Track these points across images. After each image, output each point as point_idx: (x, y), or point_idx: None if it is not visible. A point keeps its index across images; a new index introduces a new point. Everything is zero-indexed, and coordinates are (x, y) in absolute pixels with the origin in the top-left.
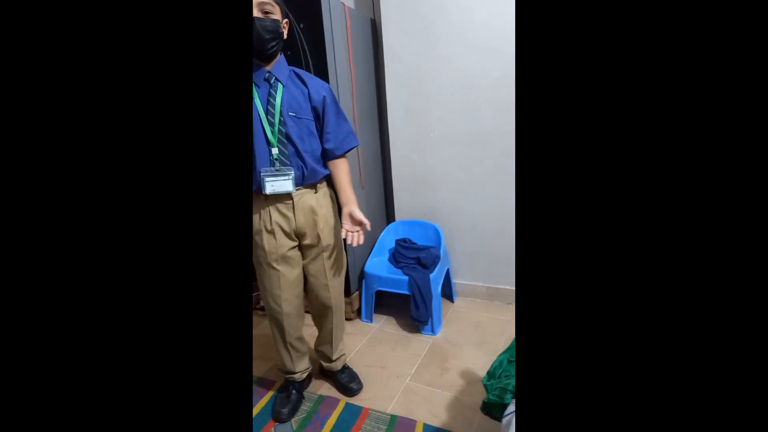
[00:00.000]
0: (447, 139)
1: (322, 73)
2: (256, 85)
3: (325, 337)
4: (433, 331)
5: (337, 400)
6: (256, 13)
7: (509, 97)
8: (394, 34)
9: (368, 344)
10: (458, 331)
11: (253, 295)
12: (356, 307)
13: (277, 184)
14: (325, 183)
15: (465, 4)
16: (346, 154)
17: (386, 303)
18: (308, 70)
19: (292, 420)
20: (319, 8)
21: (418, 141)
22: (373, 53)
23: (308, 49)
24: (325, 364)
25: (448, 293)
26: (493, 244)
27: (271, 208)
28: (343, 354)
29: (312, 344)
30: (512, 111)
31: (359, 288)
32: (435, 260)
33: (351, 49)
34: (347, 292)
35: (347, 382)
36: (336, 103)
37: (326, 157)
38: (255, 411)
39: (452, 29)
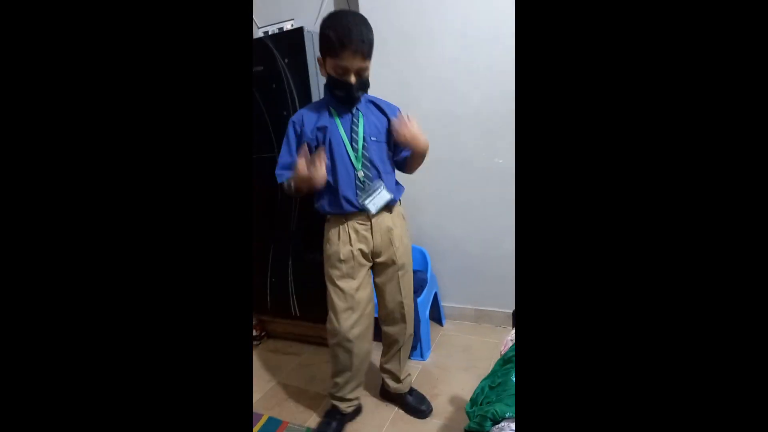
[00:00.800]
0: (430, 164)
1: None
2: (339, 116)
3: (394, 355)
4: (422, 357)
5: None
6: (353, 78)
7: (489, 123)
8: (377, 67)
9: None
10: (447, 355)
11: None
12: None
13: (377, 199)
14: (398, 204)
15: (447, 35)
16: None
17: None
18: (293, 103)
19: None
20: (303, 45)
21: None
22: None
23: (293, 83)
24: (393, 385)
25: (436, 316)
26: (479, 265)
27: (351, 232)
28: (409, 374)
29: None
30: (493, 136)
31: None
32: (422, 284)
33: None
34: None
35: (417, 404)
36: None
37: (399, 166)
38: None
39: (434, 60)
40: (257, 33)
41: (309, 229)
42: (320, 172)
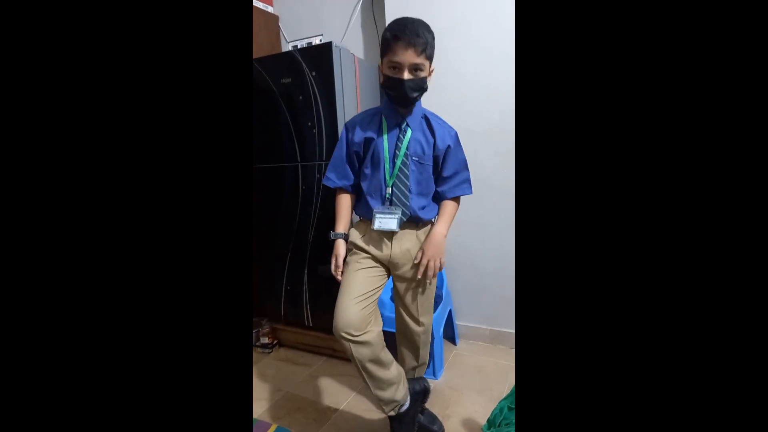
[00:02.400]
0: None
1: (331, 117)
2: (388, 126)
3: (409, 368)
4: (434, 375)
5: None
6: (406, 74)
7: (507, 141)
8: None
9: (366, 387)
10: (460, 375)
11: (254, 332)
12: None
13: (384, 221)
14: (429, 224)
15: (468, 53)
16: (458, 199)
17: (387, 343)
18: (318, 114)
19: None
20: (330, 59)
21: None
22: (380, 98)
23: (319, 96)
24: None
25: (450, 335)
26: (496, 285)
27: (372, 235)
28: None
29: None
30: (511, 154)
31: None
32: (437, 300)
33: (359, 95)
34: None
35: (428, 423)
36: (460, 149)
37: (438, 197)
38: None
39: (454, 78)
40: (286, 47)
41: (325, 241)
42: (336, 270)
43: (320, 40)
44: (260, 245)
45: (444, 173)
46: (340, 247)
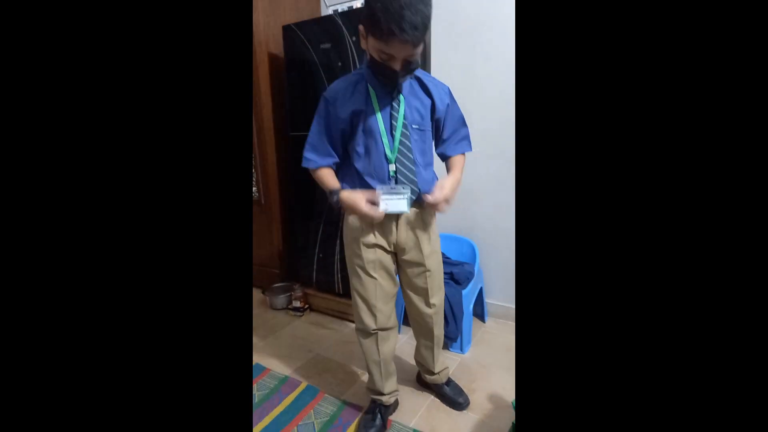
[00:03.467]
0: (487, 156)
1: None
2: (377, 98)
3: (427, 350)
4: (461, 350)
5: (359, 409)
6: (398, 65)
7: None
8: (442, 51)
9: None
10: (488, 353)
11: (287, 295)
12: None
13: (392, 203)
14: None
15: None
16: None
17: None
18: None
19: (315, 421)
20: None
21: None
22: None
23: (359, 62)
24: (428, 377)
25: (479, 312)
26: None
27: (374, 223)
28: (446, 367)
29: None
30: None
31: None
32: (468, 276)
33: None
34: None
35: (454, 395)
36: (456, 105)
37: (441, 158)
38: (278, 410)
39: (502, 47)
40: (326, 11)
41: None
42: (379, 214)
43: (362, 3)
44: (294, 213)
45: (444, 134)
46: (349, 196)
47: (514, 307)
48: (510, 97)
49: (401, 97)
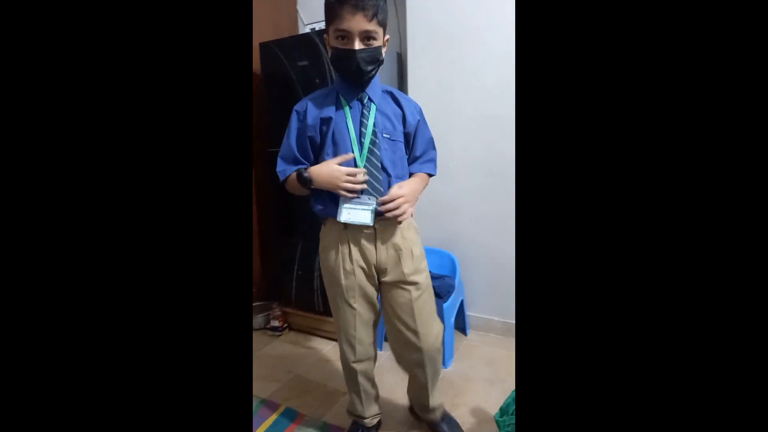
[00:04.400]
0: (468, 169)
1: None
2: (349, 106)
3: (419, 384)
4: (444, 364)
5: (341, 430)
6: (357, 43)
7: None
8: (418, 67)
9: (376, 373)
10: (470, 366)
11: (265, 315)
12: None
13: (354, 213)
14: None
15: (495, 38)
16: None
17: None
18: None
19: None
20: None
21: (439, 169)
22: (398, 84)
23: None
24: (422, 415)
25: (461, 325)
26: (511, 277)
27: (350, 240)
28: (441, 402)
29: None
30: None
31: None
32: (449, 290)
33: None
34: None
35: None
36: (426, 126)
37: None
38: None
39: (479, 63)
40: (304, 29)
41: None
42: (359, 179)
43: None
44: (273, 229)
45: (416, 152)
46: (320, 168)
47: (495, 318)
48: (489, 110)
49: (372, 105)
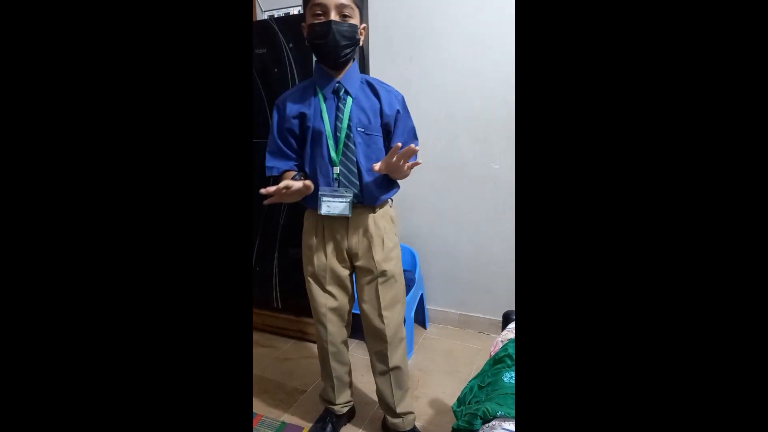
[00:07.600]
0: (425, 166)
1: None
2: (324, 97)
3: (383, 381)
4: None
5: (301, 428)
6: (333, 15)
7: (487, 128)
8: (380, 63)
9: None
10: (429, 358)
11: None
12: None
13: (333, 205)
14: (387, 204)
15: (454, 37)
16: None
17: (357, 326)
18: None
19: None
20: None
21: None
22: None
23: (296, 69)
24: (389, 420)
25: (421, 319)
26: (467, 270)
27: (325, 226)
28: (411, 412)
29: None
30: (489, 141)
31: None
32: (409, 284)
33: None
34: None
35: None
36: (409, 117)
37: None
38: None
39: (438, 61)
40: (261, 15)
41: (297, 225)
42: (295, 193)
43: (299, 11)
44: None
45: (392, 144)
46: (278, 186)
47: (452, 311)
48: (448, 108)
49: (349, 98)
